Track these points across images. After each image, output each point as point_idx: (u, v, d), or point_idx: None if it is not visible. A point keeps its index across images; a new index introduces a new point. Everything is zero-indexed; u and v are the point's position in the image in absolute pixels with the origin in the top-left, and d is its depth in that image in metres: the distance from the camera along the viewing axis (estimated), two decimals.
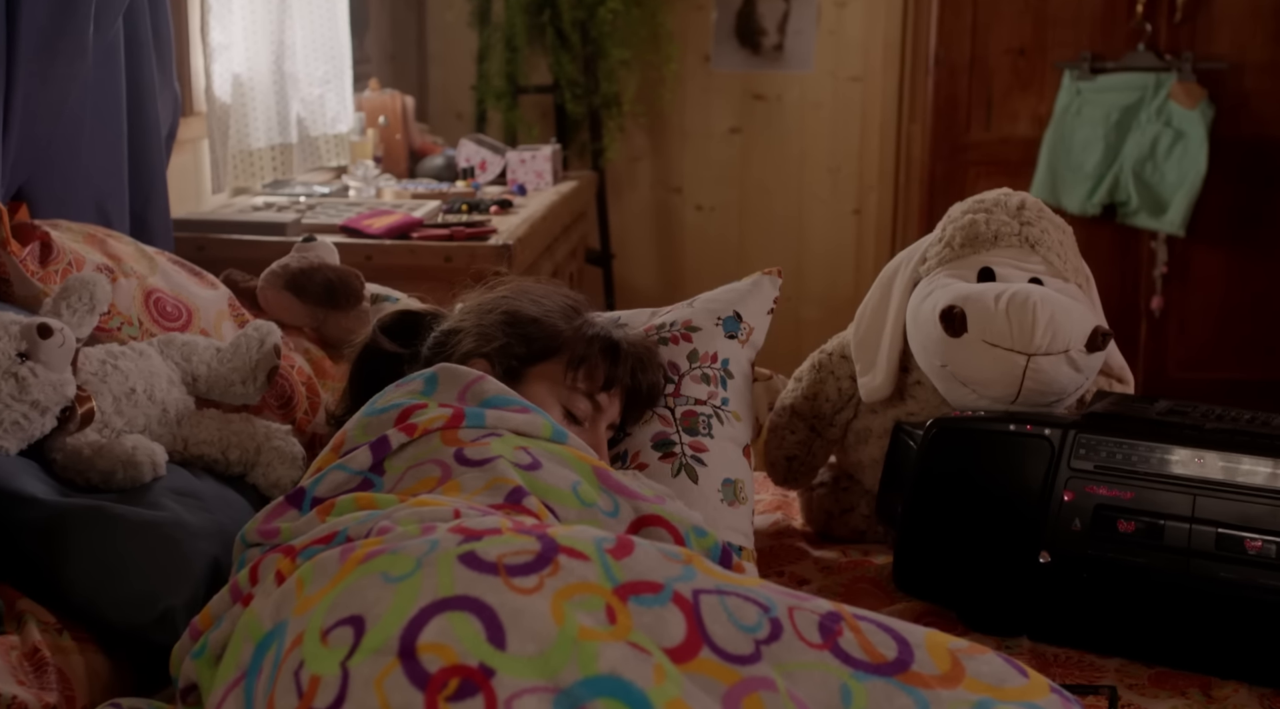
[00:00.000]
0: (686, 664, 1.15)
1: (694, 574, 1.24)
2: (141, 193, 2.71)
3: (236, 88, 3.19)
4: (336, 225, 2.97)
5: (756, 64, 5.45)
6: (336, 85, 3.66)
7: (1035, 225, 2.01)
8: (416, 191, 3.50)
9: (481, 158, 3.83)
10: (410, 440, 1.50)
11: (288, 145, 3.36)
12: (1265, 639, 1.72)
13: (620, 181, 5.53)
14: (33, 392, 1.66)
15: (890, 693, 1.19)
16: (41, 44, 2.15)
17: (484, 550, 1.19)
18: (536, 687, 1.09)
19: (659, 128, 5.50)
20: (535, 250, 3.16)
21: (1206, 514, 1.74)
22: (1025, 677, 1.25)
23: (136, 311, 2.06)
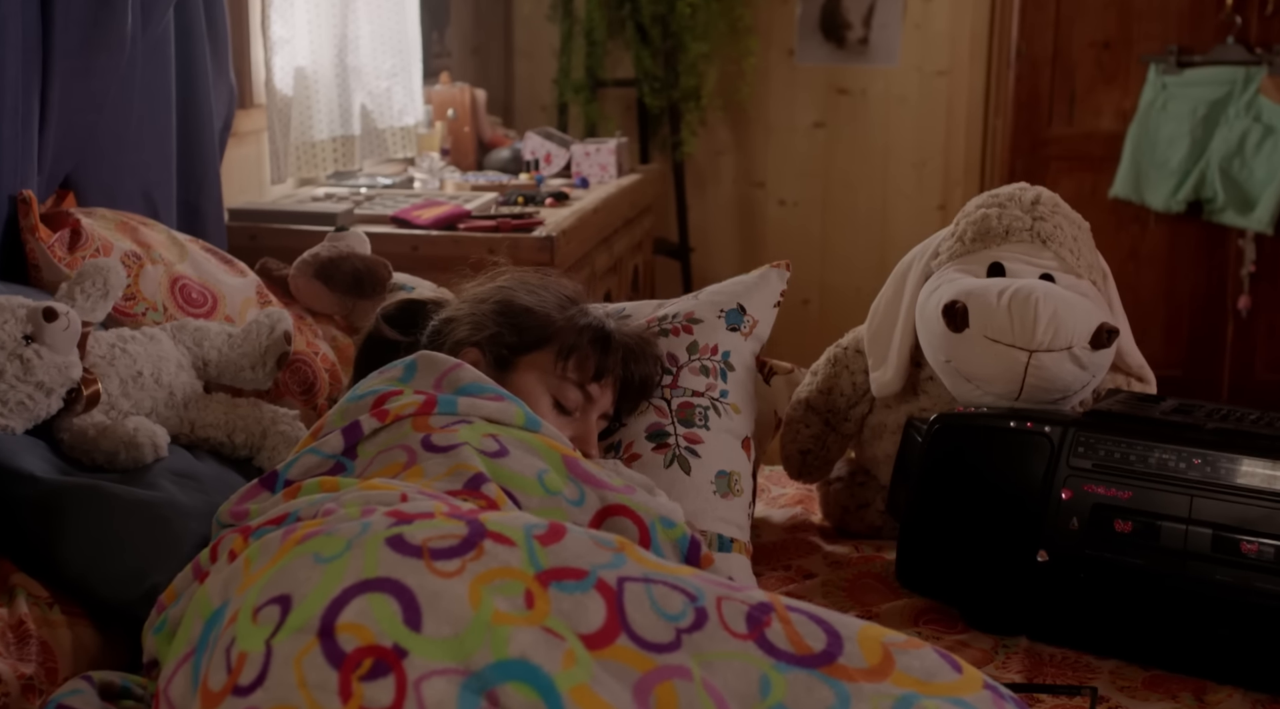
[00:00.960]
0: (602, 651, 1.16)
1: (623, 561, 1.25)
2: (194, 182, 2.77)
3: (299, 80, 3.25)
4: (388, 216, 3.02)
5: (841, 58, 5.42)
6: (404, 79, 3.71)
7: (1048, 220, 1.99)
8: (477, 184, 3.54)
9: (547, 151, 3.86)
10: (382, 426, 1.53)
11: (349, 137, 3.42)
12: (1261, 643, 1.69)
13: (703, 176, 5.54)
14: (37, 373, 1.71)
15: (811, 684, 1.19)
16: (80, 37, 2.21)
17: (411, 534, 1.21)
18: (447, 669, 1.11)
19: (742, 122, 5.49)
20: (584, 242, 3.17)
21: (1203, 515, 1.71)
22: (958, 672, 1.24)
23: (162, 298, 2.11)
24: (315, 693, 1.11)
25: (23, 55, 2.05)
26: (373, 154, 3.65)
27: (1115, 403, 1.88)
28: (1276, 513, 1.67)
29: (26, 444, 1.74)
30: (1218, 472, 1.71)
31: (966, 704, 1.21)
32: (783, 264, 2.06)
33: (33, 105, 2.12)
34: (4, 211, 2.07)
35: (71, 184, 2.41)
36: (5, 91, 2.01)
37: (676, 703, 1.14)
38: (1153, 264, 4.81)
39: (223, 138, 2.92)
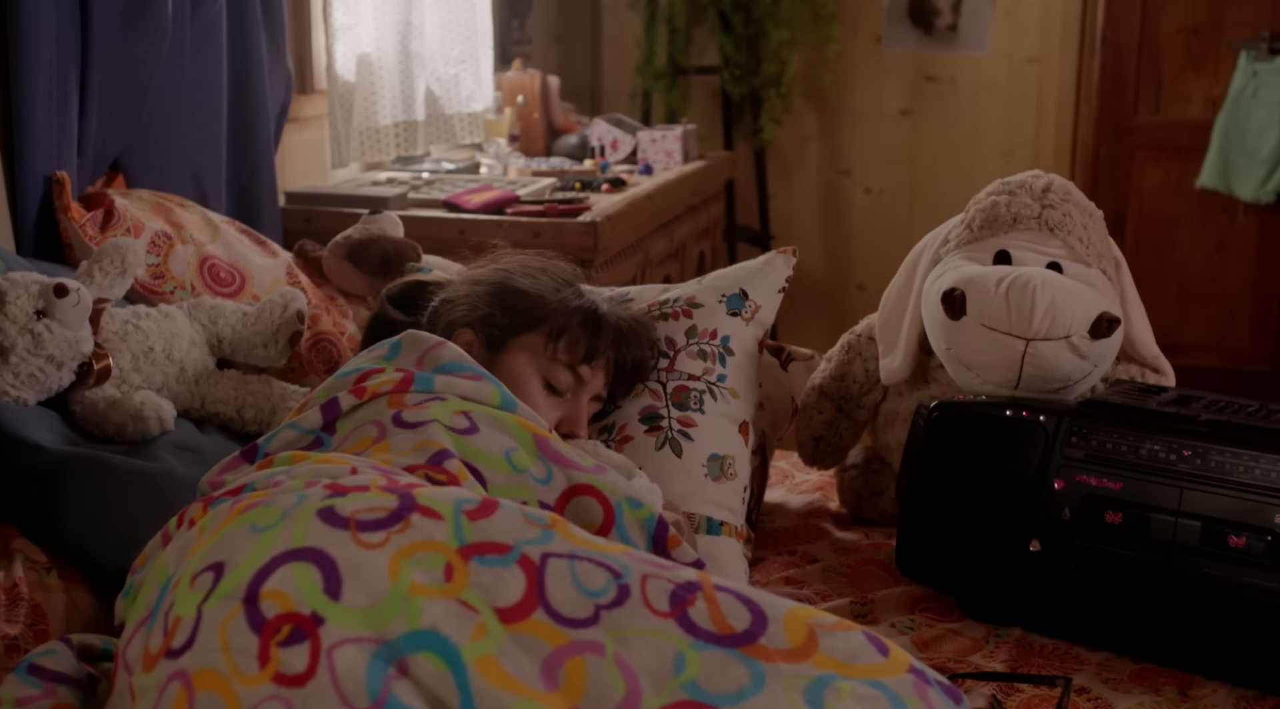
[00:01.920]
0: (516, 624, 1.18)
1: (551, 538, 1.27)
2: (248, 166, 2.84)
3: (362, 66, 3.31)
4: (440, 200, 3.06)
5: (929, 45, 5.36)
6: (472, 65, 3.76)
7: (1058, 208, 1.97)
8: (538, 169, 3.58)
9: (613, 137, 3.88)
10: (360, 403, 1.57)
11: (412, 122, 3.47)
12: (1247, 638, 1.66)
13: (789, 163, 5.52)
14: (48, 347, 1.78)
15: (727, 663, 1.20)
16: (120, 24, 2.28)
17: (342, 506, 1.24)
18: (361, 637, 1.14)
19: (829, 109, 5.46)
20: (635, 228, 3.19)
21: (1192, 508, 1.69)
22: (884, 655, 1.25)
23: (190, 277, 2.18)
24: (236, 657, 1.14)
25: (57, 42, 2.12)
26: (440, 139, 3.71)
27: (1114, 393, 1.86)
28: (1265, 506, 1.64)
29: (37, 415, 1.80)
30: (1208, 464, 1.69)
31: (884, 687, 1.21)
32: (789, 250, 2.06)
33: (70, 90, 2.20)
34: (40, 192, 2.14)
35: (121, 167, 2.49)
36: (40, 77, 2.08)
37: (585, 677, 1.16)
38: (1241, 256, 4.71)
39: (279, 123, 2.99)
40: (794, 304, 5.39)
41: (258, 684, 1.13)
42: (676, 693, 1.17)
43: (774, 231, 5.31)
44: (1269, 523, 1.64)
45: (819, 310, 5.50)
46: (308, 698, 1.12)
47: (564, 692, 1.15)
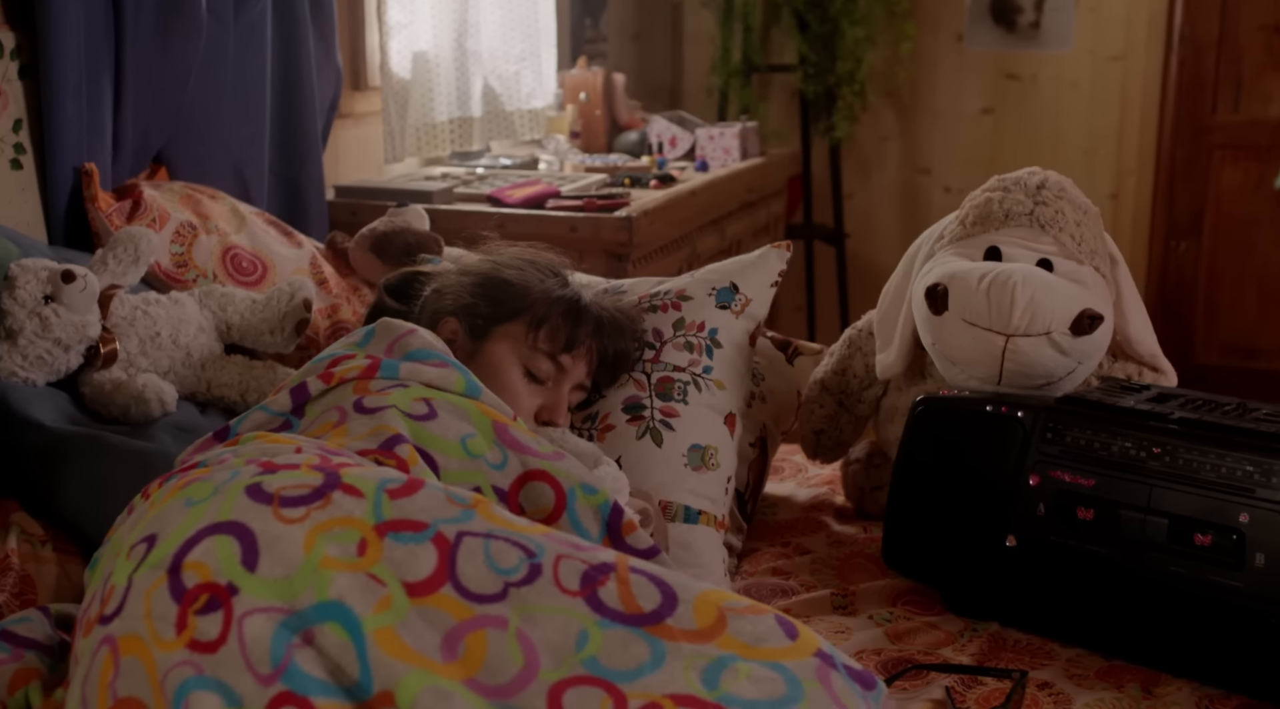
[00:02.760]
0: (423, 598, 1.23)
1: (470, 517, 1.31)
2: (296, 160, 2.93)
3: (419, 64, 3.38)
4: (485, 195, 3.12)
5: (1011, 43, 5.32)
6: (533, 63, 3.82)
7: (1050, 205, 1.97)
8: (592, 165, 3.62)
9: (672, 134, 3.92)
10: (328, 388, 1.62)
11: (467, 119, 3.54)
12: (1213, 637, 1.65)
13: (868, 161, 5.52)
14: (55, 330, 1.86)
15: (628, 640, 1.23)
16: (154, 22, 2.37)
17: (268, 483, 1.30)
18: (270, 607, 1.20)
19: (909, 108, 5.45)
20: (678, 224, 3.22)
21: (1160, 506, 1.68)
22: (791, 639, 1.27)
23: (213, 266, 2.25)
24: (157, 624, 1.20)
25: (86, 41, 2.21)
26: (501, 135, 3.77)
27: (1094, 390, 1.85)
28: (1230, 505, 1.63)
29: (45, 395, 1.89)
30: (1177, 462, 1.68)
31: (783, 669, 1.23)
32: (784, 245, 2.08)
33: (103, 87, 2.29)
34: (70, 183, 2.23)
35: (164, 159, 2.59)
36: (68, 73, 2.17)
37: (485, 650, 1.20)
38: None
39: (328, 118, 3.07)
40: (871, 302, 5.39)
41: (174, 650, 1.19)
42: (575, 668, 1.21)
43: (850, 230, 5.31)
44: (1234, 522, 1.63)
45: None
46: (218, 663, 1.17)
47: (461, 663, 1.19)
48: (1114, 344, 2.02)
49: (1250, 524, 1.62)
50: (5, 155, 2.16)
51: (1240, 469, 1.64)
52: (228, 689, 1.16)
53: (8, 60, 2.14)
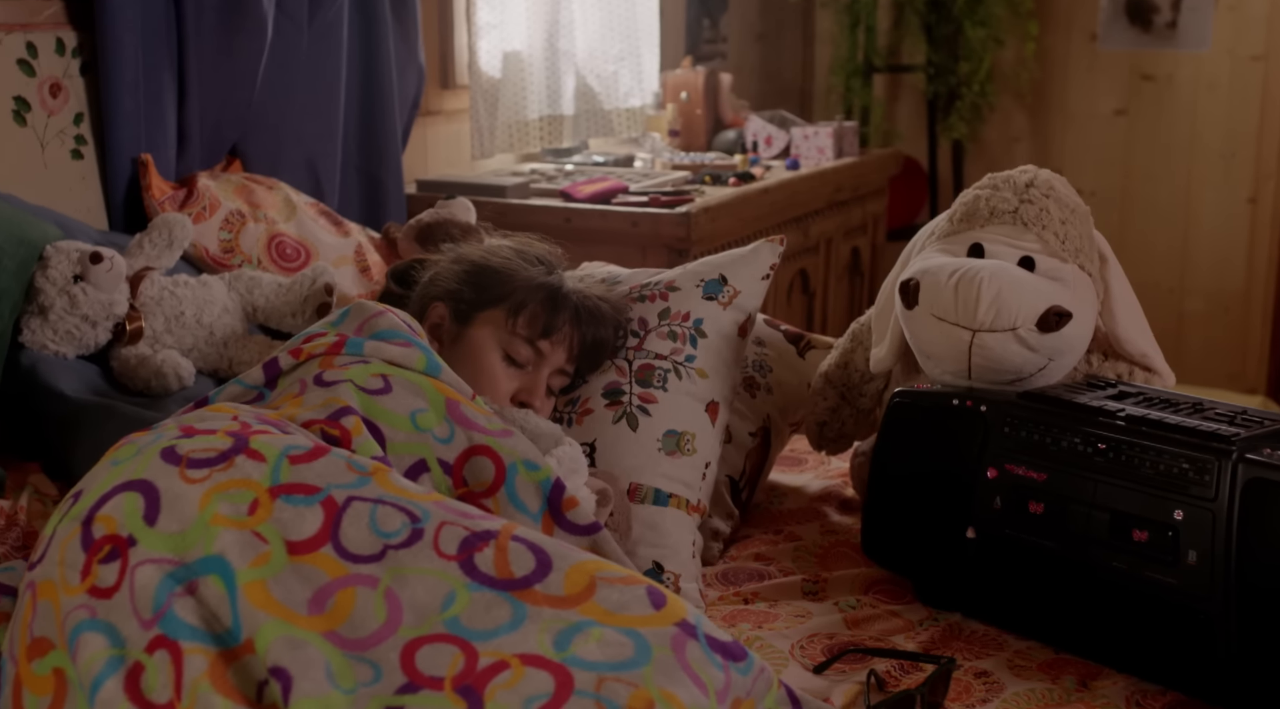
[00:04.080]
0: (302, 556, 1.32)
1: (365, 483, 1.40)
2: (375, 155, 3.08)
3: (510, 63, 3.50)
4: (558, 190, 3.23)
5: (1147, 42, 5.22)
6: (631, 63, 3.91)
7: (1035, 204, 1.98)
8: (679, 163, 3.70)
9: (768, 133, 3.97)
10: (298, 363, 1.73)
11: (558, 117, 3.65)
12: (1149, 632, 1.66)
13: (997, 163, 5.45)
14: (82, 307, 2.02)
15: (493, 603, 1.31)
16: (216, 22, 2.52)
17: (182, 446, 1.41)
18: (161, 558, 1.31)
19: (1040, 109, 5.39)
20: (743, 220, 3.27)
21: (1103, 501, 1.69)
22: (656, 609, 1.33)
23: (258, 252, 2.40)
24: (67, 571, 1.32)
25: (143, 40, 2.37)
26: (598, 133, 3.87)
27: (1058, 386, 1.87)
28: (1166, 501, 1.64)
29: (74, 368, 2.04)
30: (1119, 458, 1.69)
31: (637, 635, 1.30)
32: (777, 239, 2.13)
33: (164, 82, 2.45)
34: (128, 172, 2.39)
35: (239, 153, 2.75)
36: (125, 70, 2.34)
37: (352, 606, 1.29)
38: None
39: (411, 115, 3.20)
40: None
41: (76, 594, 1.31)
42: (436, 626, 1.29)
43: None
44: (1169, 518, 1.63)
45: None
46: (110, 608, 1.29)
47: (326, 617, 1.28)
48: (1104, 343, 2.02)
49: (1184, 521, 1.62)
50: (66, 146, 2.33)
51: (1176, 466, 1.64)
52: (115, 631, 1.27)
53: (69, 58, 2.31)
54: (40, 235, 2.04)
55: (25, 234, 2.00)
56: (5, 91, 2.23)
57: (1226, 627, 1.60)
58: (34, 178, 2.28)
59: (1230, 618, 1.59)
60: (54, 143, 2.31)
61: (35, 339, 2.02)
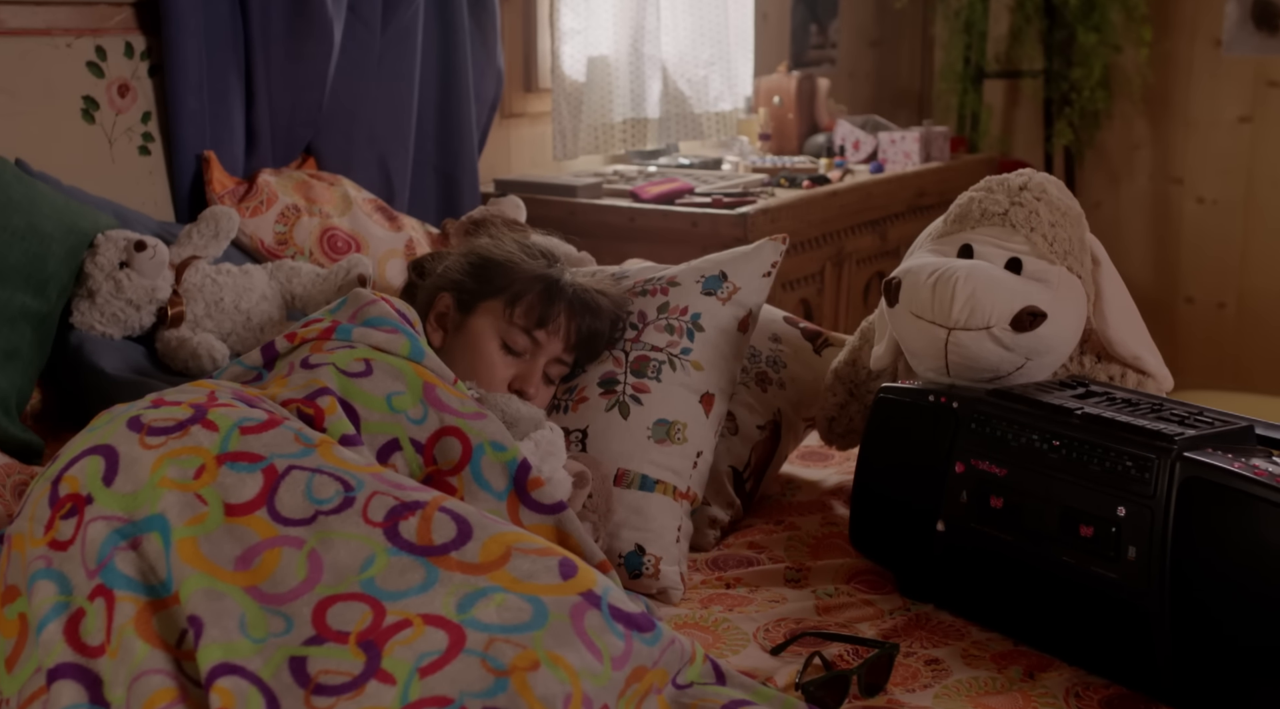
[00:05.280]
0: (238, 518, 1.44)
1: (308, 454, 1.51)
2: (451, 155, 3.21)
3: (595, 67, 3.61)
4: (628, 190, 3.32)
5: (1273, 48, 5.11)
6: (722, 68, 3.99)
7: (1025, 206, 2.01)
8: (759, 166, 3.76)
9: (855, 137, 4.01)
10: (292, 346, 1.85)
11: (641, 120, 3.74)
12: (1094, 626, 1.70)
13: (1116, 170, 5.41)
14: (126, 291, 2.17)
15: (408, 567, 1.41)
16: (283, 28, 2.68)
17: (146, 415, 1.54)
18: (112, 516, 1.43)
19: (1162, 115, 5.31)
20: (809, 223, 3.32)
21: (1055, 497, 1.73)
22: (564, 579, 1.42)
23: (310, 244, 2.54)
24: (34, 525, 1.46)
25: (207, 44, 2.53)
26: (688, 136, 3.96)
27: (1030, 385, 1.90)
28: (1110, 497, 1.67)
29: (118, 348, 2.20)
30: (1071, 455, 1.72)
31: (538, 601, 1.38)
32: (780, 237, 2.19)
33: (230, 83, 2.61)
34: (192, 168, 2.56)
35: (313, 151, 2.90)
36: (189, 72, 2.50)
37: (276, 565, 1.40)
38: None
39: (489, 117, 3.33)
40: None
41: (39, 546, 1.44)
42: (352, 586, 1.40)
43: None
44: (1112, 514, 1.66)
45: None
46: (64, 559, 1.42)
47: (250, 574, 1.39)
48: (1097, 345, 2.05)
49: (1126, 517, 1.65)
50: (134, 143, 2.50)
51: (1121, 464, 1.67)
52: (65, 580, 1.40)
53: (138, 60, 2.48)
54: (91, 224, 2.20)
55: (75, 223, 2.16)
56: (75, 91, 2.40)
57: (1162, 622, 1.62)
58: (101, 171, 2.45)
59: (1165, 613, 1.62)
60: (121, 139, 2.48)
61: (84, 320, 2.18)
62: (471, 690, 1.28)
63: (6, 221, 2.05)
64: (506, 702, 1.28)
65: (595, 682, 1.35)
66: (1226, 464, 1.59)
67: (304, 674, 1.32)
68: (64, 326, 2.19)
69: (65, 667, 1.33)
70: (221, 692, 1.27)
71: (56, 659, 1.34)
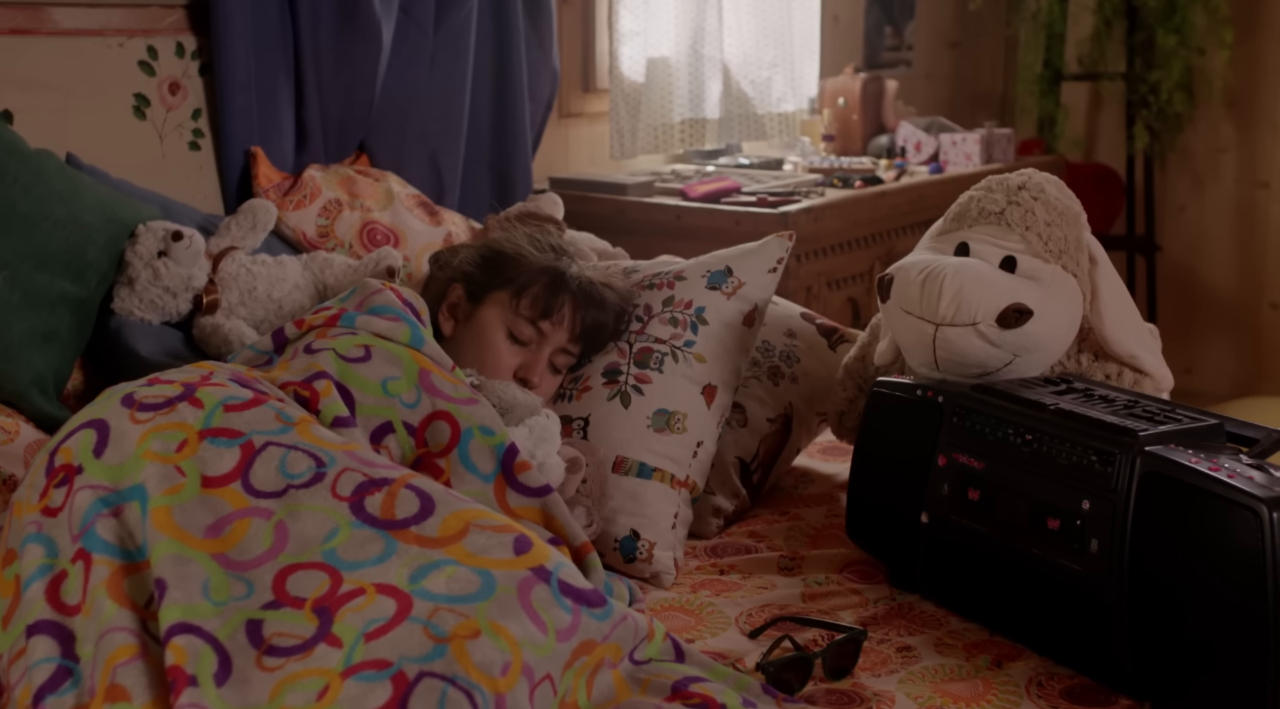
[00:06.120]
0: (213, 490, 1.53)
1: (286, 432, 1.60)
2: (505, 153, 3.29)
3: (655, 68, 3.68)
4: (677, 189, 3.39)
5: None
6: (785, 69, 4.04)
7: (1022, 206, 2.04)
8: (817, 166, 3.80)
9: (917, 139, 4.03)
10: (301, 333, 1.94)
11: (700, 120, 3.80)
12: (1061, 617, 1.73)
13: (1202, 173, 5.35)
14: (164, 279, 2.28)
15: (369, 538, 1.49)
16: (332, 30, 2.77)
17: (138, 393, 1.63)
18: (98, 485, 1.53)
19: (1248, 119, 5.24)
20: (854, 222, 3.36)
21: (1027, 490, 1.76)
22: (517, 554, 1.49)
23: (350, 237, 2.64)
24: (31, 491, 1.56)
25: (256, 43, 2.64)
26: (750, 136, 4.01)
27: (1013, 381, 1.93)
28: (1074, 492, 1.70)
29: (155, 333, 2.31)
30: (1041, 449, 1.76)
31: (489, 575, 1.45)
32: (786, 234, 2.24)
33: (279, 82, 2.71)
34: (240, 163, 2.67)
35: (366, 148, 3.00)
36: (236, 72, 2.61)
37: (244, 534, 1.49)
38: None
39: (544, 116, 3.40)
40: (1199, 321, 5.24)
41: (34, 512, 1.54)
42: (314, 556, 1.48)
43: (1181, 244, 5.17)
44: (1077, 507, 1.70)
45: (1228, 329, 5.31)
46: (54, 525, 1.52)
47: (218, 541, 1.48)
48: (1095, 343, 2.07)
49: (1089, 511, 1.68)
50: (184, 139, 2.62)
51: (1086, 458, 1.70)
52: (53, 544, 1.50)
53: (189, 59, 2.60)
54: (132, 215, 2.31)
55: (116, 213, 2.28)
56: (126, 89, 2.52)
57: (1121, 613, 1.65)
58: (152, 166, 2.56)
59: (1124, 605, 1.65)
60: (172, 135, 2.60)
61: (124, 306, 2.29)
62: (411, 655, 1.35)
63: (48, 211, 2.16)
64: (443, 667, 1.35)
65: (537, 651, 1.42)
66: (1184, 459, 1.62)
67: (259, 636, 1.40)
68: (106, 312, 2.29)
69: (42, 623, 1.43)
70: (176, 649, 1.36)
71: (36, 616, 1.44)
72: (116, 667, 1.36)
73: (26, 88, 2.37)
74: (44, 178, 2.19)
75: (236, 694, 1.35)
